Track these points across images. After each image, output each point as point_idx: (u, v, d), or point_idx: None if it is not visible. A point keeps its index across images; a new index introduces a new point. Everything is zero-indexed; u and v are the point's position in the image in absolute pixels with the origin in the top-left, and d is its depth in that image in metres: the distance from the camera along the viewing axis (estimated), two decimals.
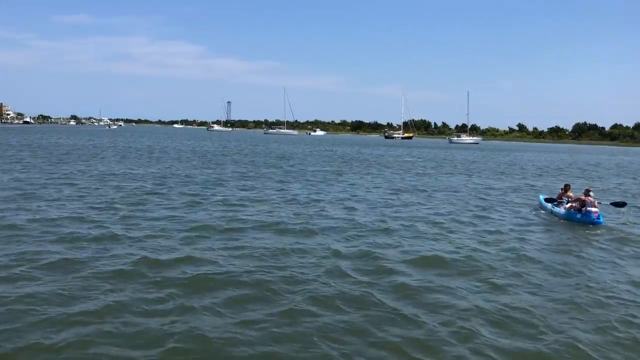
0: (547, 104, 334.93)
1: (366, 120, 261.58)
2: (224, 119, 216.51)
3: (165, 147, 51.55)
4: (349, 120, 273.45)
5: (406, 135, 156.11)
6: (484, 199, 18.28)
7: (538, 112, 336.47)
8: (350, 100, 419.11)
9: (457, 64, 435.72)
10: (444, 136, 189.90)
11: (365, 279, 7.99)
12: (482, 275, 8.65)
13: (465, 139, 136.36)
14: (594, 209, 14.08)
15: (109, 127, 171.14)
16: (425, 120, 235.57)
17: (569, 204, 14.86)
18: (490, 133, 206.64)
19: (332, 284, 7.58)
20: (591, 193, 14.40)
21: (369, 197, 16.63)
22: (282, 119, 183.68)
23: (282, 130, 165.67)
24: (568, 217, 14.45)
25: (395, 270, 8.61)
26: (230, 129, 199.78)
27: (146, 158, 33.75)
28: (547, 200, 16.39)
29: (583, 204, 14.28)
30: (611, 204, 15.45)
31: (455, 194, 18.64)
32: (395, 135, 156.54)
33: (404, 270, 8.68)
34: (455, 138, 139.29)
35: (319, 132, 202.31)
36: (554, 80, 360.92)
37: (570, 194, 15.63)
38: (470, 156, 56.30)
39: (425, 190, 19.49)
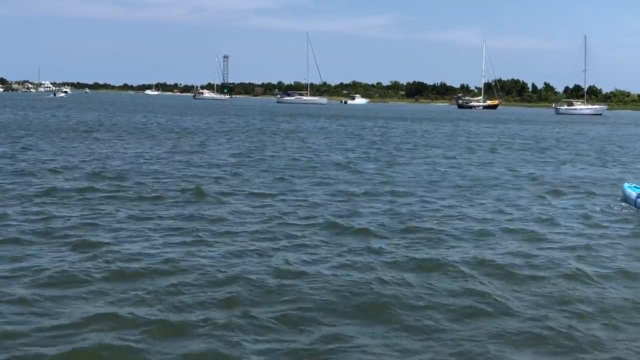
0: None
1: (429, 82, 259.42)
2: (218, 81, 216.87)
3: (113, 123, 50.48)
4: (402, 81, 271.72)
5: (489, 103, 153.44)
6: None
7: None
8: (405, 51, 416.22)
9: None
10: (547, 104, 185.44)
11: None
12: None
13: (581, 107, 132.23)
14: None
15: (55, 94, 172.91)
16: (518, 81, 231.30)
17: None
18: (617, 99, 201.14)
19: None
20: None
21: None
22: (303, 81, 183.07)
23: (303, 98, 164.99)
24: None
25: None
26: (227, 96, 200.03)
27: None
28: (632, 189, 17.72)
29: None
30: None
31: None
32: (474, 104, 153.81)
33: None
34: (566, 107, 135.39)
35: (360, 100, 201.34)
36: None
37: None
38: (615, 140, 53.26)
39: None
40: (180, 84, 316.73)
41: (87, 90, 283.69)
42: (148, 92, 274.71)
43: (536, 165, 27.66)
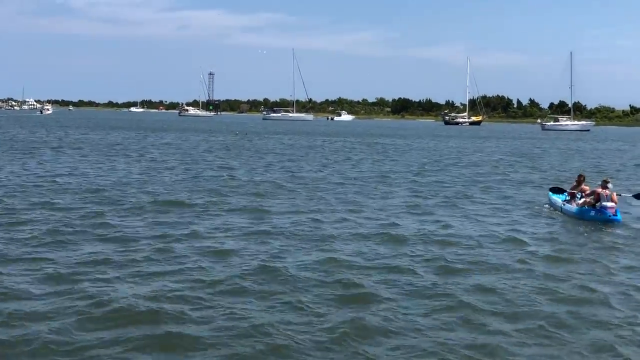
0: None
1: (414, 98, 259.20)
2: (204, 98, 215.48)
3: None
4: (388, 98, 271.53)
5: (473, 119, 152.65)
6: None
7: None
8: (390, 68, 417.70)
9: (550, 12, 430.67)
10: (532, 120, 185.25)
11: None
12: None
13: (567, 123, 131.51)
14: (610, 204, 16.72)
15: (41, 112, 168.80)
16: (503, 97, 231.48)
17: (582, 199, 17.89)
18: (601, 115, 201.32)
19: None
20: (609, 185, 17.20)
21: None
22: (289, 98, 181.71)
23: (289, 115, 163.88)
24: (580, 215, 17.46)
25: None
26: (212, 113, 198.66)
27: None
28: (555, 193, 19.91)
29: (598, 198, 17.01)
30: (633, 196, 18.89)
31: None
32: (460, 120, 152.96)
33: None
34: (552, 123, 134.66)
35: (346, 117, 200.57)
36: None
37: (585, 187, 18.61)
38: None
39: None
40: (166, 101, 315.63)
41: (71, 107, 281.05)
42: (133, 109, 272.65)
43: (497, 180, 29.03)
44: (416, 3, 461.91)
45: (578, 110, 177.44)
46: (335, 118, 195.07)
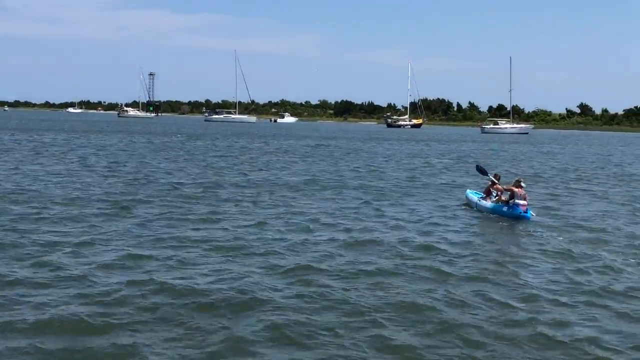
0: (624, 77, 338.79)
1: (356, 101, 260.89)
2: (144, 99, 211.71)
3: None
4: (331, 100, 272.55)
5: (414, 122, 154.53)
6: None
7: (610, 88, 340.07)
8: (332, 71, 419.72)
9: (489, 17, 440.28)
10: (471, 123, 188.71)
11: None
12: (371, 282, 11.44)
13: (506, 126, 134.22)
14: (522, 202, 18.18)
15: None
16: (443, 100, 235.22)
17: (497, 197, 19.30)
18: (539, 118, 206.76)
19: None
20: (522, 184, 18.54)
21: None
22: (231, 100, 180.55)
23: (232, 116, 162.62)
24: (494, 211, 18.94)
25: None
26: (152, 114, 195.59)
27: None
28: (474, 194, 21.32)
29: (513, 195, 18.34)
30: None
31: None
32: (402, 123, 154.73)
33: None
34: (491, 126, 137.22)
35: (289, 119, 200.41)
36: (633, 41, 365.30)
37: (499, 186, 19.68)
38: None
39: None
40: (105, 102, 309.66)
41: (6, 108, 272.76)
42: (70, 110, 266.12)
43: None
44: (359, 7, 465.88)
45: (517, 114, 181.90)
46: (279, 120, 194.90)
